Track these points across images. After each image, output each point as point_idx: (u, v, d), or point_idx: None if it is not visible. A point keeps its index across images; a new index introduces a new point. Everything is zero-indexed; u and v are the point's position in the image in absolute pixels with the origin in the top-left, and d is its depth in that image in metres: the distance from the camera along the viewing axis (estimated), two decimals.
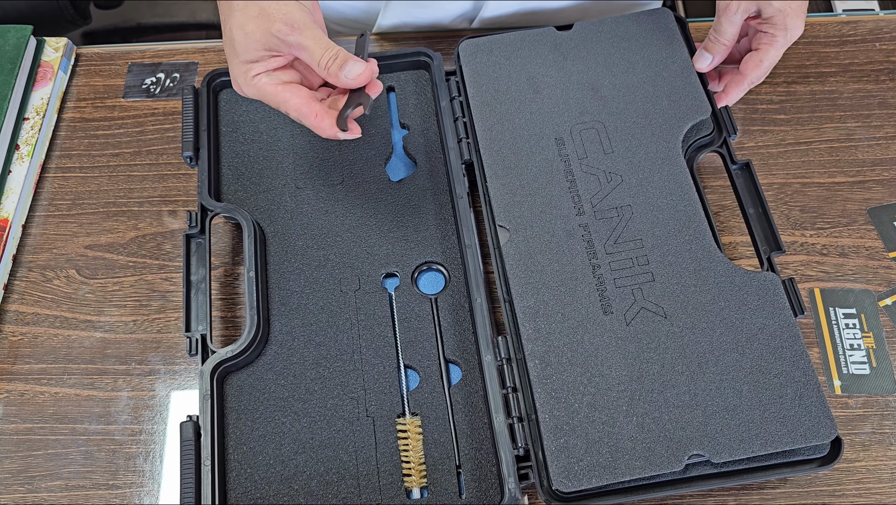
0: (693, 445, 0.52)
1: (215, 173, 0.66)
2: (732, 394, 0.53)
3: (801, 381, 0.54)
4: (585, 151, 0.63)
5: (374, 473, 0.55)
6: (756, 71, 0.64)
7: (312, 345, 0.59)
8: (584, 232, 0.60)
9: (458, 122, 0.66)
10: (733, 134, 0.64)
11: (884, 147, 0.71)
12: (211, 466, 0.53)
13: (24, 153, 0.69)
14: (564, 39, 0.69)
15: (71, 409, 0.60)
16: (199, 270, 0.61)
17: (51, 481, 0.58)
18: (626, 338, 0.56)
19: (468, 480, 0.55)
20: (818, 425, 0.52)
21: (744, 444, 0.52)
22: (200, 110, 0.67)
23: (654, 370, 0.54)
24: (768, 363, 0.54)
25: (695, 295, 0.57)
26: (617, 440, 0.52)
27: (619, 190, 0.61)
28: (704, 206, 0.61)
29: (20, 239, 0.67)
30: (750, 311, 0.56)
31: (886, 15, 0.79)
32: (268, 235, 0.64)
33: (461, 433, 0.56)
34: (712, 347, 0.55)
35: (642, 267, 0.58)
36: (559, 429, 0.53)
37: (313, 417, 0.57)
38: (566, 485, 0.51)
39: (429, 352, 0.59)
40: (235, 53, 0.55)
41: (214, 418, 0.55)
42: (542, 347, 0.56)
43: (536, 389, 0.54)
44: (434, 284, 0.63)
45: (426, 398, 0.58)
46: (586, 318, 0.57)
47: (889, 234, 0.67)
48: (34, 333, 0.63)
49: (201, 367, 0.56)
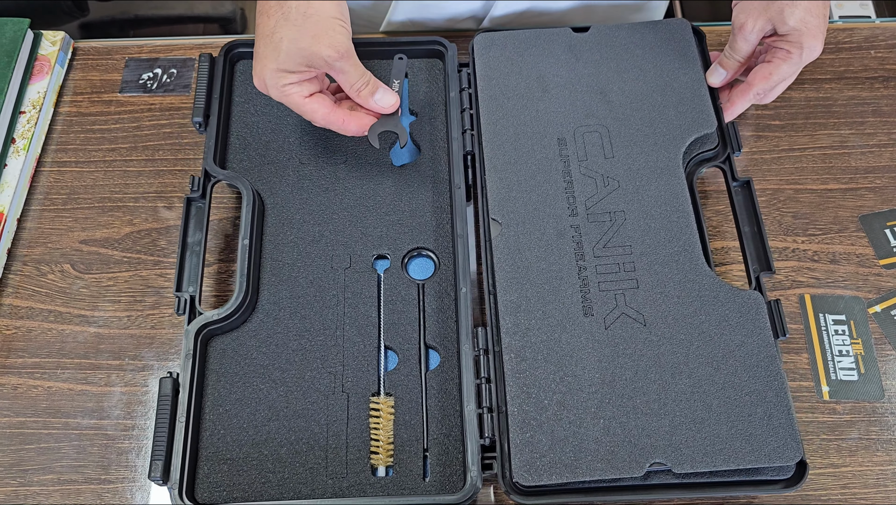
0: (656, 453, 0.52)
1: (223, 142, 0.67)
2: (702, 407, 0.54)
3: (772, 401, 0.54)
4: (586, 154, 0.63)
5: (342, 447, 0.56)
6: (763, 83, 0.64)
7: (298, 317, 0.60)
8: (575, 233, 0.60)
9: (465, 114, 0.67)
10: (737, 151, 0.65)
11: (876, 155, 0.71)
12: (185, 423, 0.55)
13: (21, 147, 0.69)
14: (579, 41, 0.69)
15: (64, 403, 0.61)
16: (195, 233, 0.62)
17: (43, 475, 0.58)
18: (602, 341, 0.56)
19: (433, 464, 0.56)
20: (784, 447, 0.53)
21: (707, 457, 0.52)
22: (215, 79, 0.68)
23: (626, 375, 0.55)
24: (741, 381, 0.55)
25: (677, 306, 0.57)
26: (582, 440, 0.53)
27: (614, 195, 0.62)
28: (699, 219, 0.62)
29: (15, 233, 0.67)
30: (730, 327, 0.56)
31: (882, 23, 0.80)
32: (267, 207, 0.65)
33: (432, 418, 0.57)
34: (687, 358, 0.55)
35: (628, 273, 0.59)
36: (526, 423, 0.54)
37: (290, 387, 0.58)
38: (526, 479, 0.52)
39: (410, 335, 0.60)
40: (275, 59, 0.58)
41: (194, 377, 0.57)
42: (519, 342, 0.56)
43: (509, 382, 0.55)
44: (423, 270, 0.63)
45: (402, 380, 0.59)
46: (566, 317, 0.57)
47: (880, 241, 0.67)
48: (28, 327, 0.63)
49: (187, 326, 0.58)
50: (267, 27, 0.58)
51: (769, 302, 0.59)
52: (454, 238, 0.62)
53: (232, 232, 0.67)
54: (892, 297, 0.65)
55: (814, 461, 0.59)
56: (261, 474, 0.55)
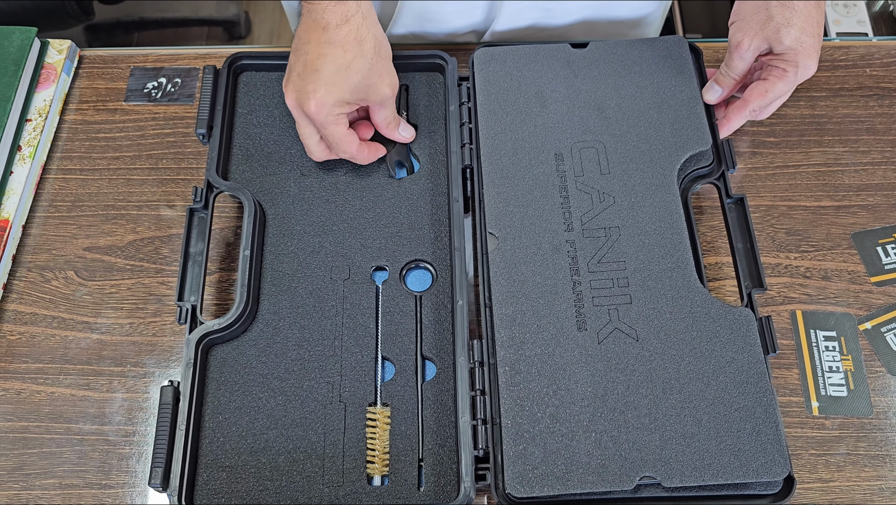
0: (646, 467, 0.53)
1: (226, 153, 0.68)
2: (692, 422, 0.55)
3: (761, 417, 0.55)
4: (583, 170, 0.64)
5: (339, 456, 0.57)
6: (759, 100, 0.65)
7: (297, 327, 0.62)
8: (570, 248, 0.61)
9: (464, 127, 0.68)
10: (732, 168, 0.66)
11: (870, 173, 0.72)
12: (185, 431, 0.56)
13: (26, 154, 0.70)
14: (578, 57, 0.70)
15: (66, 408, 0.62)
16: (197, 243, 0.63)
17: (45, 479, 0.59)
18: (595, 355, 0.57)
19: (428, 474, 0.57)
20: (772, 462, 0.54)
21: (696, 472, 0.53)
22: (218, 90, 0.69)
23: (618, 390, 0.56)
24: (731, 396, 0.56)
25: (669, 322, 0.58)
26: (574, 453, 0.54)
27: (609, 211, 0.63)
28: (692, 235, 0.63)
29: (20, 239, 0.68)
30: (721, 343, 0.57)
31: (879, 41, 0.80)
32: (268, 217, 0.66)
33: (427, 428, 0.59)
34: (678, 374, 0.56)
35: (622, 289, 0.60)
36: (520, 436, 0.55)
37: (289, 396, 0.59)
38: (519, 491, 0.53)
39: (407, 346, 0.61)
40: (345, 90, 0.61)
41: (195, 386, 0.58)
42: (514, 355, 0.57)
43: (503, 394, 0.56)
44: (421, 282, 0.64)
45: (399, 391, 0.60)
46: (560, 331, 0.58)
47: (872, 258, 0.68)
48: (32, 333, 0.64)
49: (188, 336, 0.59)
50: (343, 60, 0.60)
51: (760, 319, 0.60)
52: (452, 251, 0.63)
53: (234, 241, 0.68)
54: (882, 314, 0.66)
55: (802, 476, 0.60)
56: (258, 482, 0.56)
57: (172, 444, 0.56)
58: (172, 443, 0.56)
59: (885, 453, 0.61)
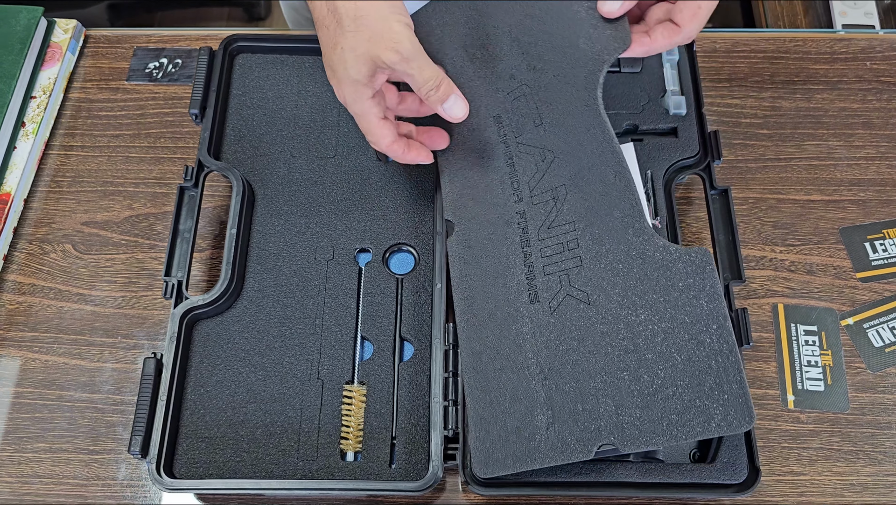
0: (604, 435, 0.52)
1: (218, 133, 0.70)
2: (649, 382, 0.52)
3: (722, 366, 0.51)
4: (521, 127, 0.61)
5: (314, 432, 0.59)
6: (694, 24, 0.57)
7: (280, 305, 0.63)
8: (521, 219, 0.60)
9: None
10: (717, 159, 0.65)
11: (863, 167, 0.71)
12: (166, 401, 0.58)
13: (30, 130, 0.72)
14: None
15: (58, 376, 0.64)
16: (186, 220, 0.65)
17: (36, 443, 0.62)
18: (549, 327, 0.56)
19: (400, 452, 0.59)
20: (735, 415, 0.50)
21: (655, 435, 0.51)
22: (213, 72, 0.70)
23: (572, 360, 0.55)
24: (690, 348, 0.52)
25: (622, 278, 0.55)
26: (533, 431, 0.54)
27: (553, 168, 0.60)
28: (674, 225, 0.61)
29: (21, 213, 0.71)
30: (677, 291, 0.53)
31: (884, 34, 0.79)
32: (257, 197, 0.67)
33: (401, 407, 0.60)
34: (634, 333, 0.54)
35: (572, 251, 0.57)
36: (482, 418, 0.55)
37: (269, 372, 0.61)
38: (483, 471, 0.54)
39: (386, 327, 0.63)
40: (346, 73, 0.55)
41: (178, 359, 0.60)
42: (472, 338, 0.58)
43: (466, 378, 0.57)
44: (403, 265, 0.66)
45: (376, 370, 0.61)
46: (515, 308, 0.57)
47: (858, 254, 0.68)
48: (30, 303, 0.67)
49: (173, 310, 0.61)
50: (330, 40, 0.56)
51: (736, 310, 0.60)
52: (433, 235, 0.64)
53: (227, 219, 0.70)
54: (865, 310, 0.65)
55: (773, 468, 0.60)
56: (236, 454, 0.58)
57: (153, 414, 0.58)
58: (153, 413, 0.58)
59: (859, 449, 0.61)
